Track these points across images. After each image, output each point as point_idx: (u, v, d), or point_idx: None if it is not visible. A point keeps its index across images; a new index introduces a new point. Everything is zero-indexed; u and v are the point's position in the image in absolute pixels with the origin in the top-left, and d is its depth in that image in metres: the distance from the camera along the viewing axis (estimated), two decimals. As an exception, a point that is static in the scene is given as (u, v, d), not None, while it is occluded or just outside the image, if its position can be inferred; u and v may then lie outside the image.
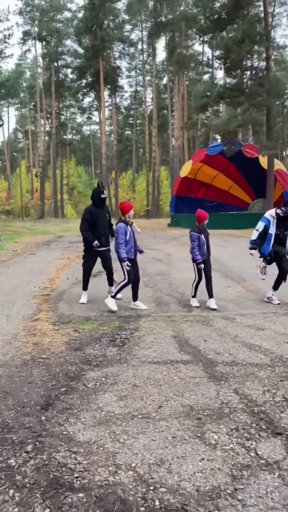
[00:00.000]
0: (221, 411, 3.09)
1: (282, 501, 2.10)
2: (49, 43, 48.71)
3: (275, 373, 3.79)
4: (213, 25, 21.96)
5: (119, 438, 2.73)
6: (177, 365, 4.05)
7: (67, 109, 64.44)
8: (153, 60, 43.47)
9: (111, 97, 47.72)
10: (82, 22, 34.47)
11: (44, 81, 50.90)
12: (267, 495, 2.15)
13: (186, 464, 2.43)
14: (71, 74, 49.49)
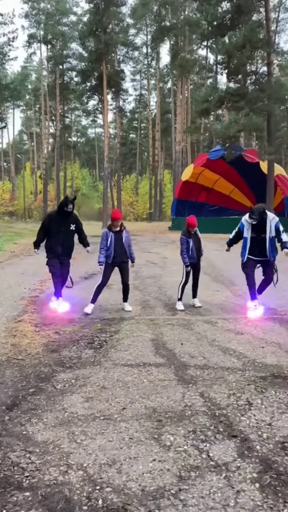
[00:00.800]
0: (183, 413, 3.13)
1: (223, 501, 2.13)
2: (54, 46, 49.08)
3: (244, 377, 3.82)
4: (215, 30, 22.04)
5: (76, 438, 2.77)
6: (149, 367, 4.09)
7: (72, 111, 64.83)
8: (157, 64, 43.65)
9: (115, 101, 47.92)
10: (86, 25, 34.67)
11: (49, 84, 51.21)
12: (210, 495, 2.18)
13: (137, 465, 2.47)
14: (76, 77, 49.81)
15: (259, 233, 6.40)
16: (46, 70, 52.38)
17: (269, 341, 4.96)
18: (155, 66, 47.04)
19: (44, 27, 46.93)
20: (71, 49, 50.39)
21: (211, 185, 33.16)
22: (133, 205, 64.16)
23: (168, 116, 52.66)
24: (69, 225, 6.67)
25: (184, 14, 33.94)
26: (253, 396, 3.41)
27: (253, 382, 3.71)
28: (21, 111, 71.19)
